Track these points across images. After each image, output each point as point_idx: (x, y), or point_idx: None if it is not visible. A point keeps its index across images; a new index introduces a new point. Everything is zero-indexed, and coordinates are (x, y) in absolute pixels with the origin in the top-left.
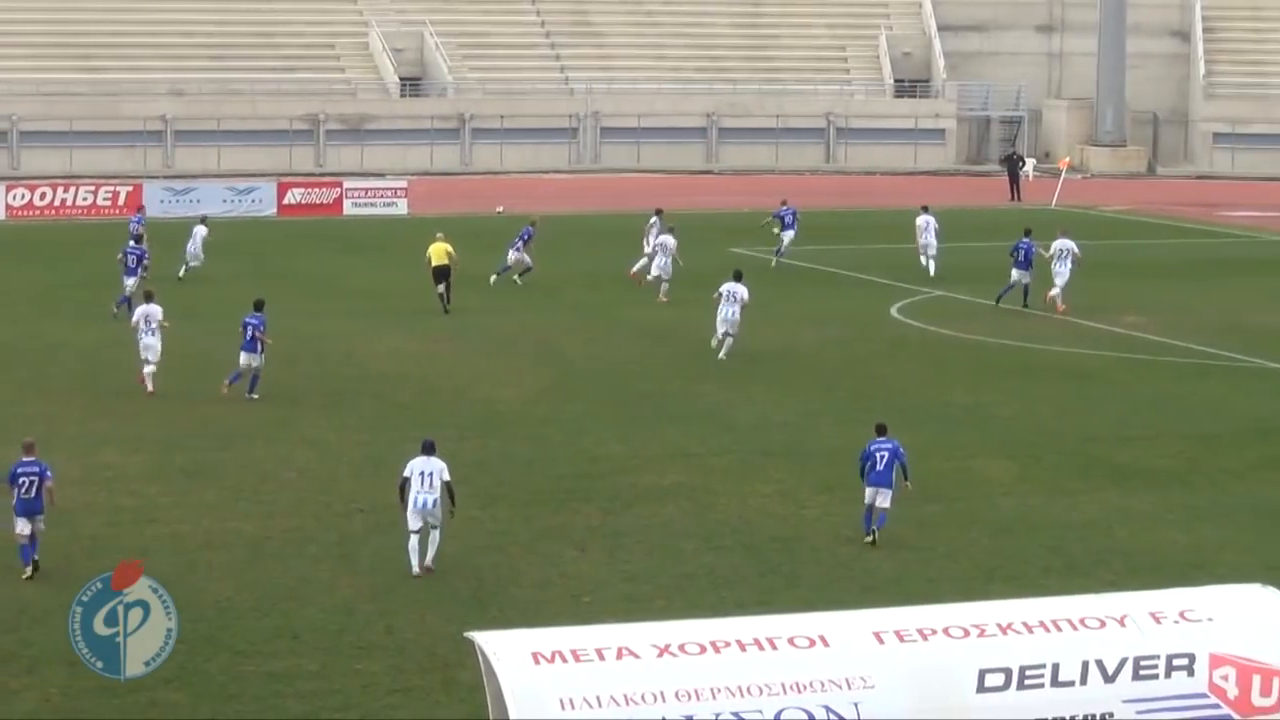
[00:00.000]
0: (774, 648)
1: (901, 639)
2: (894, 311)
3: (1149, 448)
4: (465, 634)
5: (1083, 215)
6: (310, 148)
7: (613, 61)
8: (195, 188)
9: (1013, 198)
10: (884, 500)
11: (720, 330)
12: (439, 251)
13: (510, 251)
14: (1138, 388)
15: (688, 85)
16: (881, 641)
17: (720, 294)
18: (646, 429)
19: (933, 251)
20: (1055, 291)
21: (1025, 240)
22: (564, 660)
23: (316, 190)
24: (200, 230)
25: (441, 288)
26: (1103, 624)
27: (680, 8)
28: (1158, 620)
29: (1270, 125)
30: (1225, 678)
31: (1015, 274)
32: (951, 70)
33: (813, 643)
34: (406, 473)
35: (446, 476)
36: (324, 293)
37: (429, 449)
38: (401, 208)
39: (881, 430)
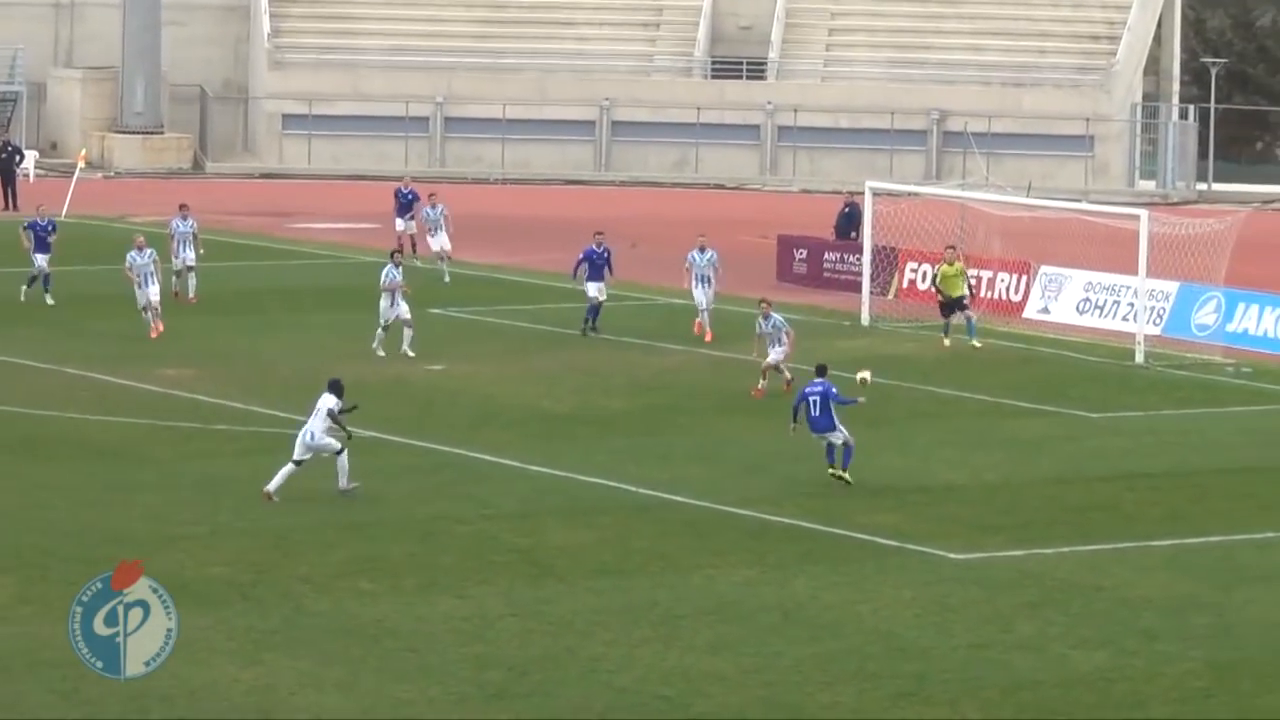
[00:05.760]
0: None
1: None
2: None
3: (200, 551)
4: None
5: (105, 229)
6: None
7: None
8: None
9: (6, 205)
10: (837, 438)
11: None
12: None
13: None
14: (183, 468)
15: None
16: None
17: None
18: None
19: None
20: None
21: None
22: None
23: None
24: None
25: None
26: None
27: None
28: None
29: (359, 103)
30: None
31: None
32: None
33: None
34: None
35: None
36: None
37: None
38: None
39: (821, 371)
